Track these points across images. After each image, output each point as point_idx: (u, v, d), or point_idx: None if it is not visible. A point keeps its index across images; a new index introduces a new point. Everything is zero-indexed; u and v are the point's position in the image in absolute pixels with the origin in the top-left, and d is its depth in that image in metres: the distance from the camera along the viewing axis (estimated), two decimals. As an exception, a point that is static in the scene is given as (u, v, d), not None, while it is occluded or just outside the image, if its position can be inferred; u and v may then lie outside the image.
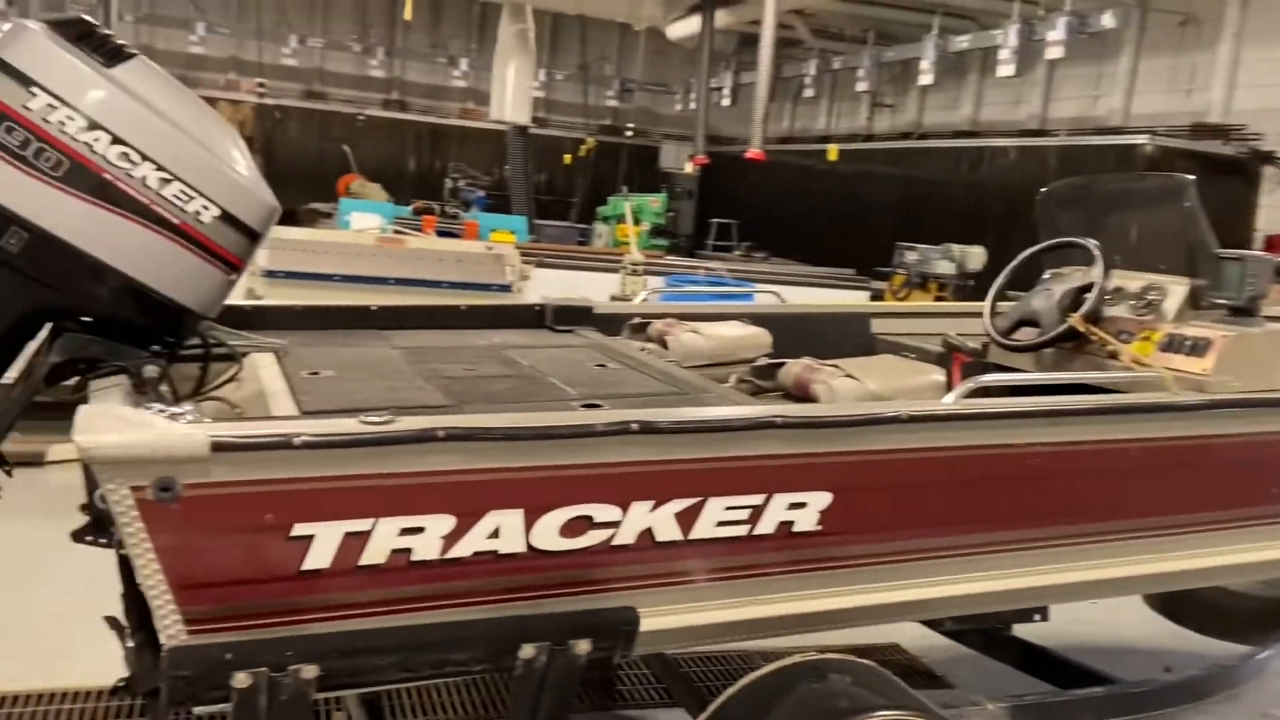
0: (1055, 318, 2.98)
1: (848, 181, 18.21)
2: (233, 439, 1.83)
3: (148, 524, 1.82)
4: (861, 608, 2.45)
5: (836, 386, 2.73)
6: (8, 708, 3.27)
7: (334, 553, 1.94)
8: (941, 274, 11.58)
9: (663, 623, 2.24)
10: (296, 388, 2.55)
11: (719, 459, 2.19)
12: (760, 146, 13.05)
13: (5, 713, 3.24)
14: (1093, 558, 2.65)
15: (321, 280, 6.17)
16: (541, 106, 21.50)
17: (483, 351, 3.15)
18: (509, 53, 15.25)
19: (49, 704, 3.30)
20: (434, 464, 1.98)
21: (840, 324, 3.91)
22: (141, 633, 2.09)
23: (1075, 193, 3.31)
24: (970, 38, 14.44)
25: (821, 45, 18.47)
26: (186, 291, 2.33)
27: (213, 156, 2.33)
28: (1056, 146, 13.67)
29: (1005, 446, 2.41)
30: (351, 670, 1.99)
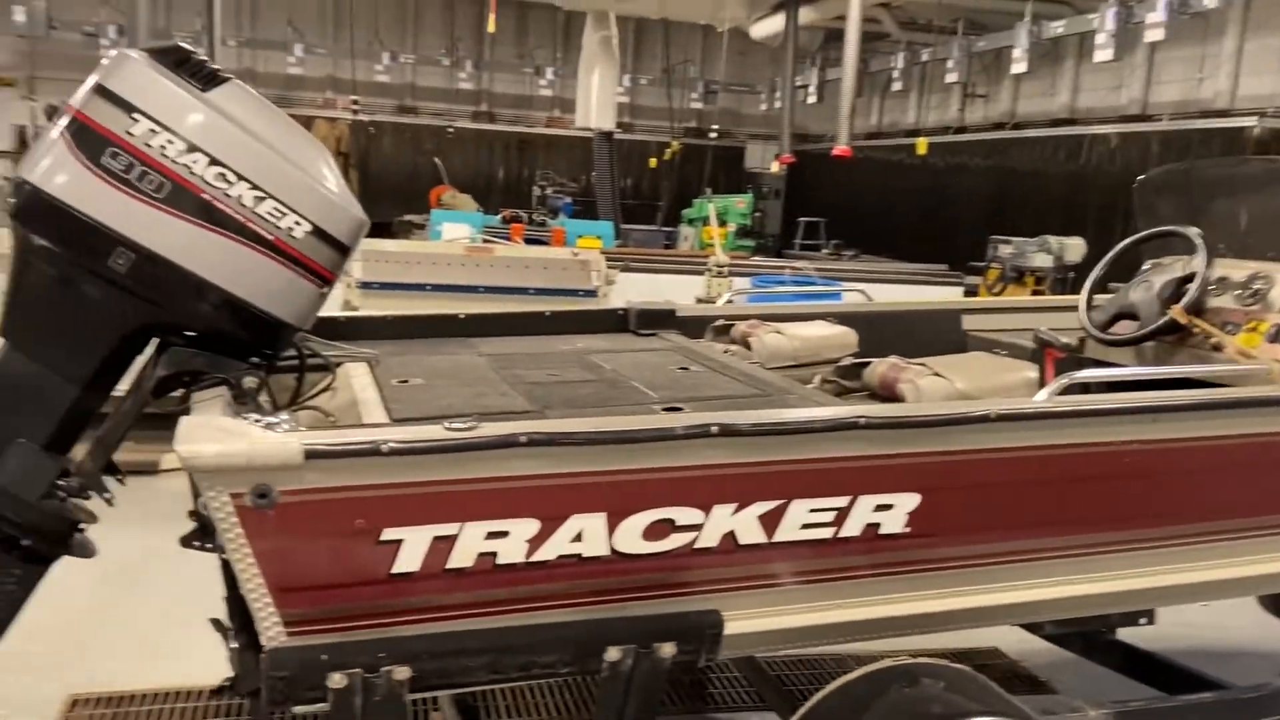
0: (1155, 310, 2.87)
1: (938, 175, 17.82)
2: (324, 446, 1.90)
3: (246, 529, 1.90)
4: (953, 611, 2.40)
5: (923, 386, 2.67)
6: (122, 706, 3.44)
7: (422, 556, 1.99)
8: (1038, 267, 11.21)
9: (748, 626, 2.24)
10: (387, 396, 2.62)
11: (801, 461, 2.17)
12: (847, 143, 12.86)
13: (119, 711, 3.41)
14: (1201, 558, 2.54)
15: (414, 290, 6.34)
16: (626, 112, 21.65)
17: (566, 357, 3.19)
18: (593, 60, 15.39)
19: (160, 703, 3.47)
20: (517, 469, 2.01)
21: (929, 321, 3.84)
22: (244, 634, 2.18)
23: (1175, 179, 3.17)
24: (1065, 23, 13.96)
25: (909, 38, 18.11)
26: (281, 305, 2.41)
27: (304, 174, 2.41)
28: (1159, 132, 13.13)
29: (1103, 445, 2.33)
30: (442, 671, 2.04)
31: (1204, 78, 13.97)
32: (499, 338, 3.49)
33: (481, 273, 6.56)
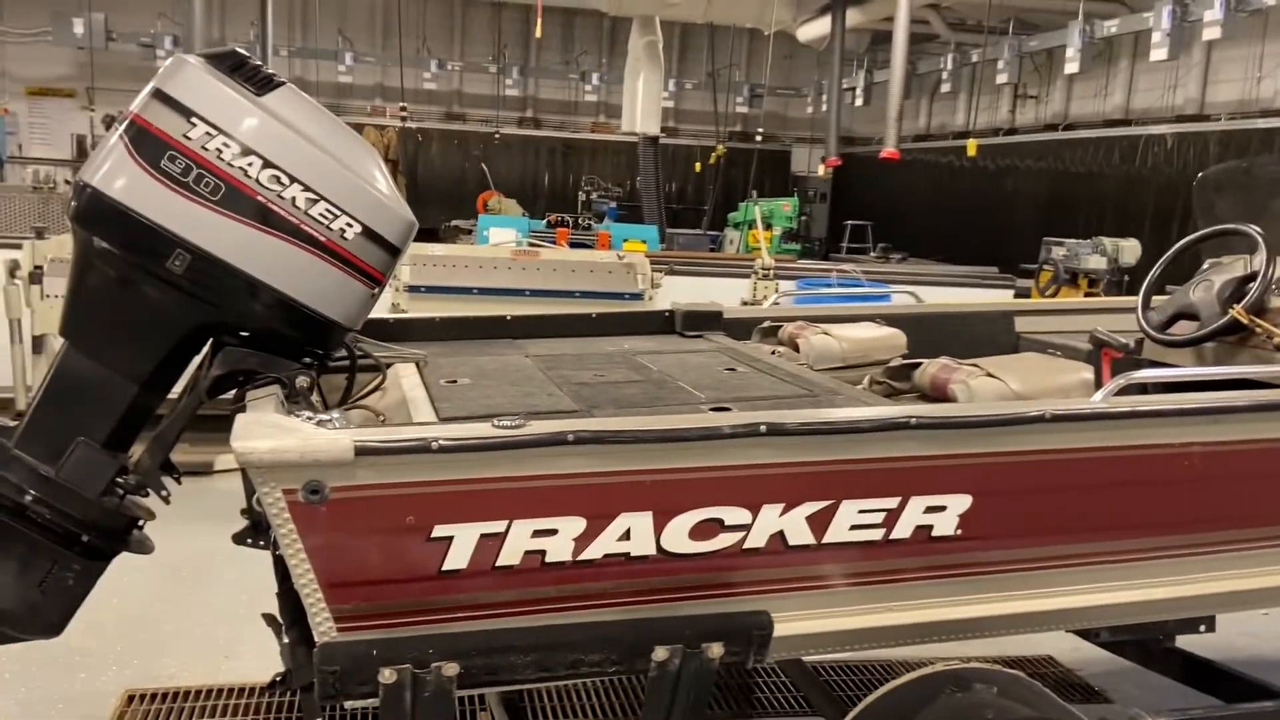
0: (1216, 310, 2.80)
1: (989, 177, 17.59)
2: (374, 444, 1.91)
3: (299, 525, 1.92)
4: (1005, 615, 2.36)
5: (975, 386, 2.63)
6: (177, 702, 3.51)
7: (471, 553, 2.00)
8: (1092, 269, 11.00)
9: (797, 628, 2.22)
10: (435, 395, 2.65)
11: (851, 461, 2.15)
12: (895, 145, 12.73)
13: (173, 706, 3.48)
14: (1263, 564, 2.48)
15: (461, 293, 6.40)
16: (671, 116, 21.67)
17: (613, 357, 3.20)
18: (639, 65, 15.42)
19: (213, 699, 3.53)
20: (564, 467, 2.02)
21: (981, 323, 3.78)
22: (295, 629, 2.21)
23: (1235, 177, 3.10)
24: (1119, 22, 13.71)
25: (958, 39, 17.91)
26: (333, 305, 2.44)
27: (355, 176, 2.44)
28: (1217, 132, 12.82)
29: (1162, 447, 2.28)
30: (490, 669, 2.04)
31: (1263, 76, 13.62)
32: (545, 339, 3.51)
33: (527, 276, 6.61)
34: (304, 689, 2.18)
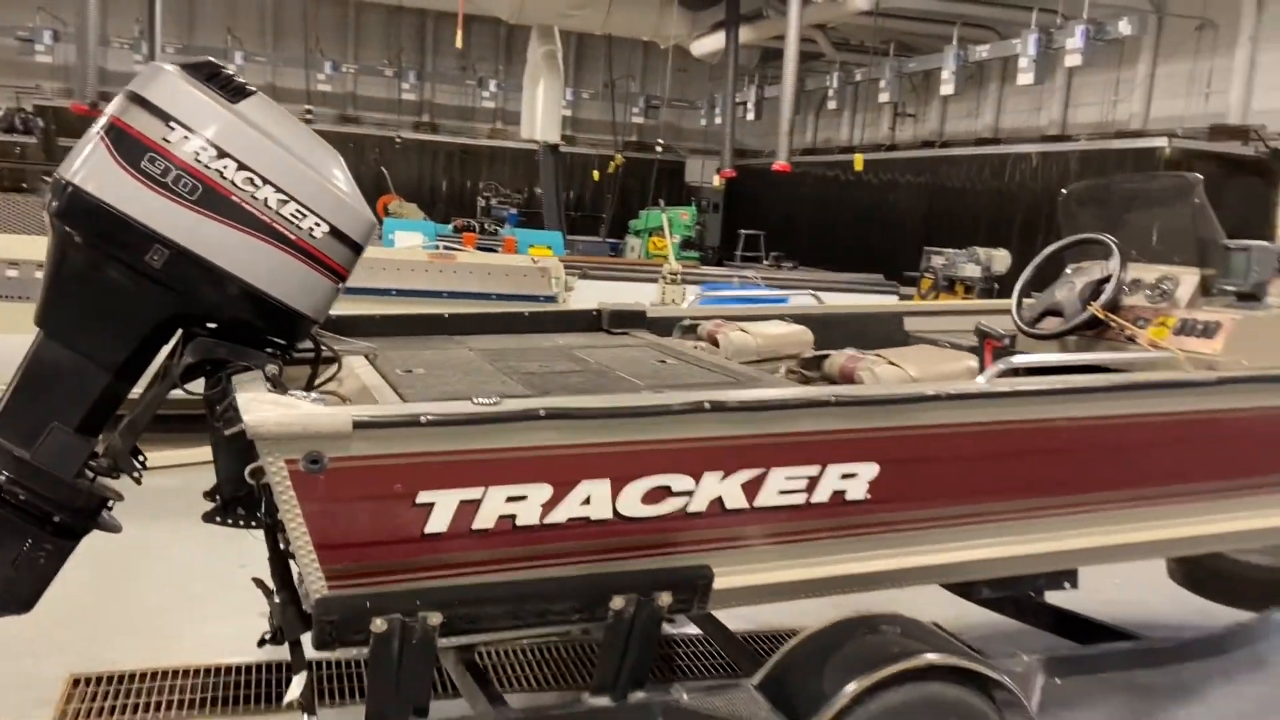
0: (1078, 307, 3.24)
1: (873, 190, 18.46)
2: (370, 418, 2.15)
3: (299, 492, 2.13)
4: (907, 569, 2.72)
5: (879, 372, 3.00)
6: (123, 684, 3.61)
7: (451, 517, 2.24)
8: (968, 277, 11.82)
9: (733, 581, 2.53)
10: (395, 383, 2.86)
11: (780, 434, 2.47)
12: (786, 159, 13.32)
13: (120, 688, 3.58)
14: (1116, 523, 2.91)
15: (378, 295, 6.53)
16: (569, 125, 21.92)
17: (551, 351, 3.45)
18: (538, 73, 15.65)
19: (159, 680, 3.64)
20: (534, 440, 2.28)
21: (876, 322, 4.19)
22: (285, 591, 2.41)
23: (1094, 193, 3.57)
24: (990, 47, 14.67)
25: (843, 58, 18.75)
26: (302, 299, 2.64)
27: (322, 178, 2.64)
28: (1077, 151, 13.88)
29: (1035, 421, 2.68)
30: (470, 618, 2.29)
31: (1119, 100, 14.81)
32: (482, 335, 3.73)
33: (444, 278, 6.78)
34: (293, 644, 2.39)
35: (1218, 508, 3.02)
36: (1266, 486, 3.04)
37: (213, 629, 3.99)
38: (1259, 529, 3.12)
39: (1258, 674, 4.35)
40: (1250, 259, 2.92)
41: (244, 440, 2.13)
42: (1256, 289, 2.94)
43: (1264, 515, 3.10)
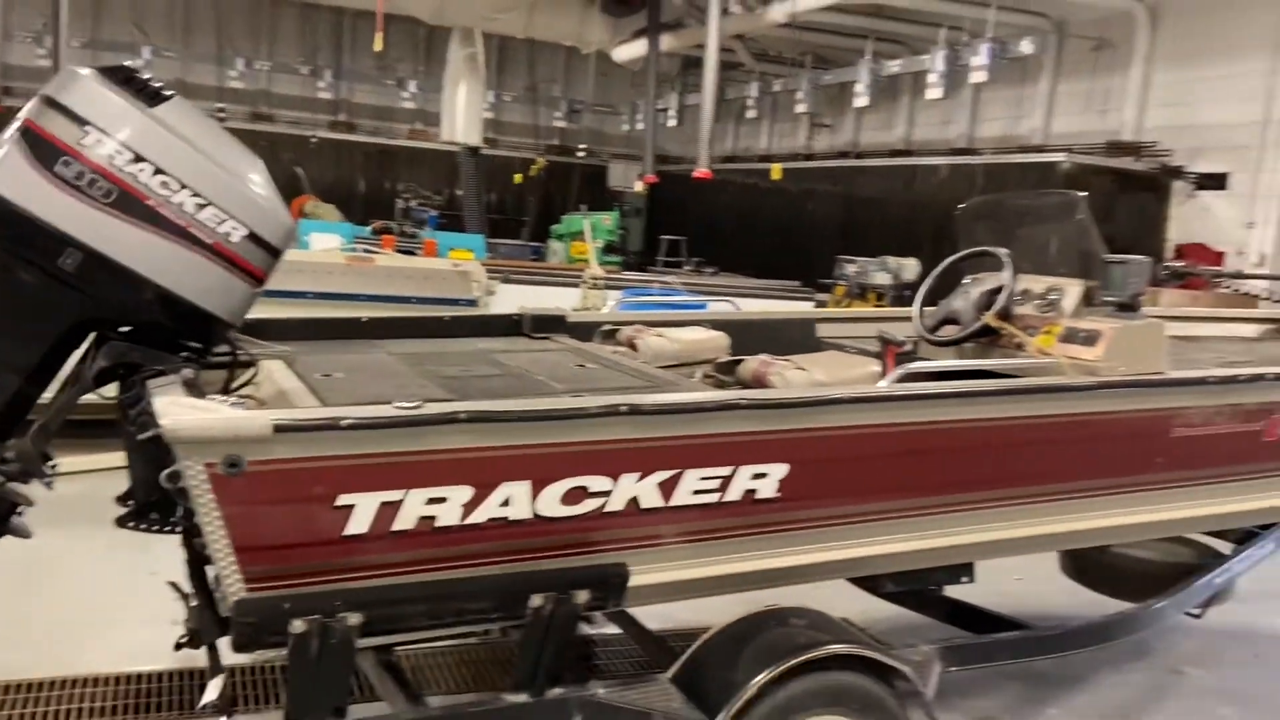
0: (973, 316, 3.43)
1: (791, 198, 18.82)
2: (292, 421, 2.18)
3: (217, 495, 2.15)
4: (815, 564, 2.85)
5: (789, 376, 3.14)
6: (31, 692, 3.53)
7: (371, 519, 2.29)
8: (879, 284, 12.19)
9: (649, 579, 2.62)
10: (314, 386, 2.88)
11: (694, 436, 2.57)
12: (707, 166, 13.54)
13: (26, 697, 3.50)
14: (1009, 519, 3.09)
15: (295, 297, 6.45)
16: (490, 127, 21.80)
17: (471, 355, 3.50)
18: (459, 75, 15.57)
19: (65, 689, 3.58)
20: (455, 442, 2.33)
21: (789, 328, 4.33)
22: (202, 595, 2.42)
23: (988, 208, 3.79)
24: (901, 62, 15.14)
25: (762, 68, 19.10)
26: (219, 303, 2.66)
27: (240, 183, 2.66)
28: (983, 164, 14.40)
29: (931, 423, 2.84)
30: (389, 618, 2.34)
31: (1022, 116, 15.42)
32: (400, 340, 3.76)
33: (362, 281, 6.75)
34: (210, 648, 2.40)
35: (1102, 504, 3.23)
36: (1144, 484, 3.26)
37: (125, 636, 3.93)
38: (1139, 523, 3.35)
39: (1141, 661, 4.63)
40: (1126, 272, 3.14)
41: (159, 444, 2.14)
42: (1133, 300, 3.16)
43: (1144, 511, 3.33)
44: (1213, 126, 12.63)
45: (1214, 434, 3.31)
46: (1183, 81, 13.02)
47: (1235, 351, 4.45)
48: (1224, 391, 3.25)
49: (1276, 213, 11.99)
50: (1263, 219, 12.12)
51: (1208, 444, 3.32)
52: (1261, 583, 5.57)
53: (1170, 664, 4.65)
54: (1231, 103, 12.35)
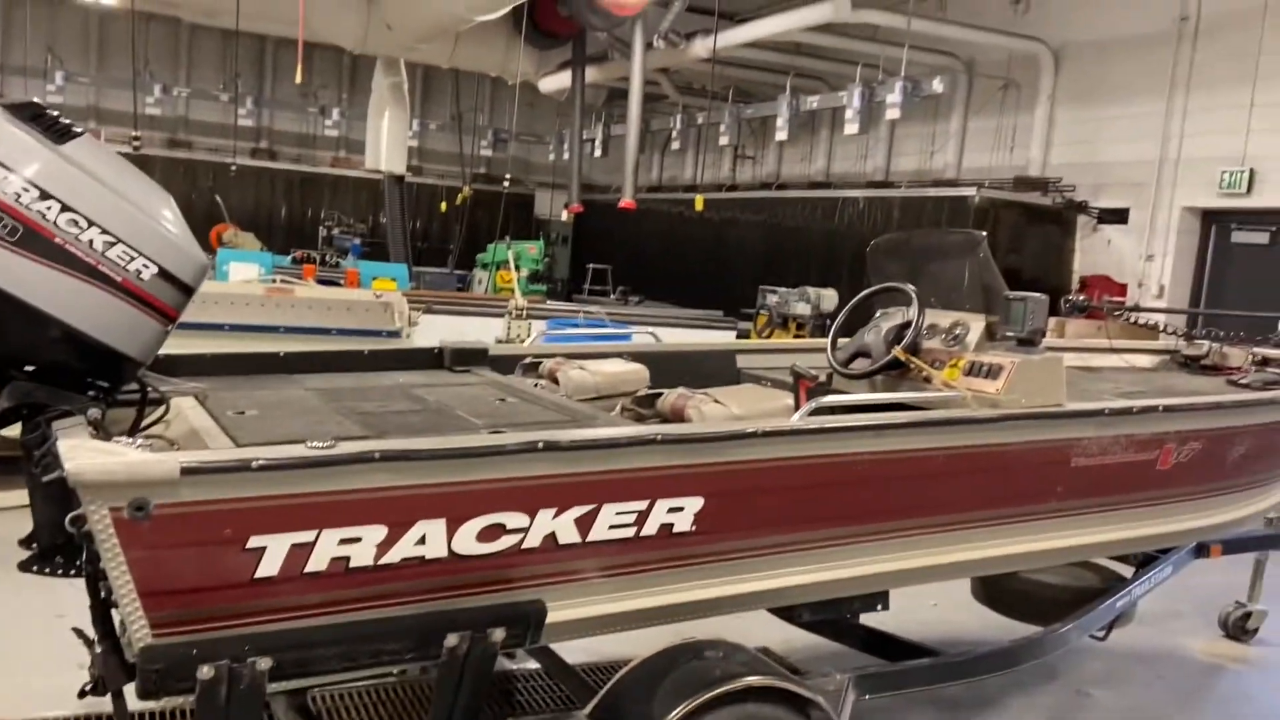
0: (883, 350, 3.54)
1: (715, 229, 19.10)
2: (200, 464, 2.15)
3: (122, 539, 2.11)
4: (732, 596, 2.89)
5: (706, 410, 3.19)
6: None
7: (283, 561, 2.26)
8: (799, 314, 12.43)
9: (567, 614, 2.63)
10: (226, 425, 2.84)
11: (611, 471, 2.60)
12: (632, 196, 13.67)
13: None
14: (920, 548, 3.18)
15: (211, 330, 6.32)
16: (415, 155, 21.70)
17: (390, 390, 3.48)
18: (383, 104, 15.49)
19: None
20: (369, 481, 2.32)
21: (710, 360, 4.40)
22: (107, 641, 2.35)
23: (897, 246, 3.92)
24: (819, 98, 15.52)
25: (686, 101, 19.39)
26: (128, 341, 2.61)
27: (151, 220, 2.63)
28: (899, 198, 14.84)
29: (841, 455, 2.91)
30: (300, 661, 2.31)
31: (935, 151, 15.94)
32: (319, 374, 3.72)
33: (282, 313, 6.63)
34: (115, 695, 2.33)
35: (1009, 531, 3.34)
36: (1047, 512, 3.39)
37: (28, 681, 3.78)
38: (1045, 550, 3.48)
39: (1049, 684, 4.78)
40: (1026, 309, 3.28)
41: (64, 487, 2.09)
42: (1032, 335, 3.30)
43: (1049, 537, 3.46)
44: (1112, 164, 13.24)
45: (1111, 463, 3.46)
46: (1084, 120, 13.62)
47: (1132, 382, 4.66)
48: (1119, 423, 3.40)
49: (1174, 246, 12.60)
50: (1161, 252, 12.72)
51: (1106, 473, 3.46)
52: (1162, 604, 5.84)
53: (1076, 685, 4.81)
54: (1129, 141, 12.96)
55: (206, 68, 21.52)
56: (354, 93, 22.17)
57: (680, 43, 14.31)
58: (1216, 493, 3.91)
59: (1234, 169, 11.72)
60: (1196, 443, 3.63)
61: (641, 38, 13.43)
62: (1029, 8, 14.34)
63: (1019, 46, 14.01)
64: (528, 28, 14.66)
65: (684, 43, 14.36)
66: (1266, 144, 11.43)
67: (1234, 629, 5.55)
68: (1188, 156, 12.32)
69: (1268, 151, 11.42)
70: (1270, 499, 4.35)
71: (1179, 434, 3.57)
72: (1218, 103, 11.94)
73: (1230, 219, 12.33)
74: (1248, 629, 5.53)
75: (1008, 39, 13.94)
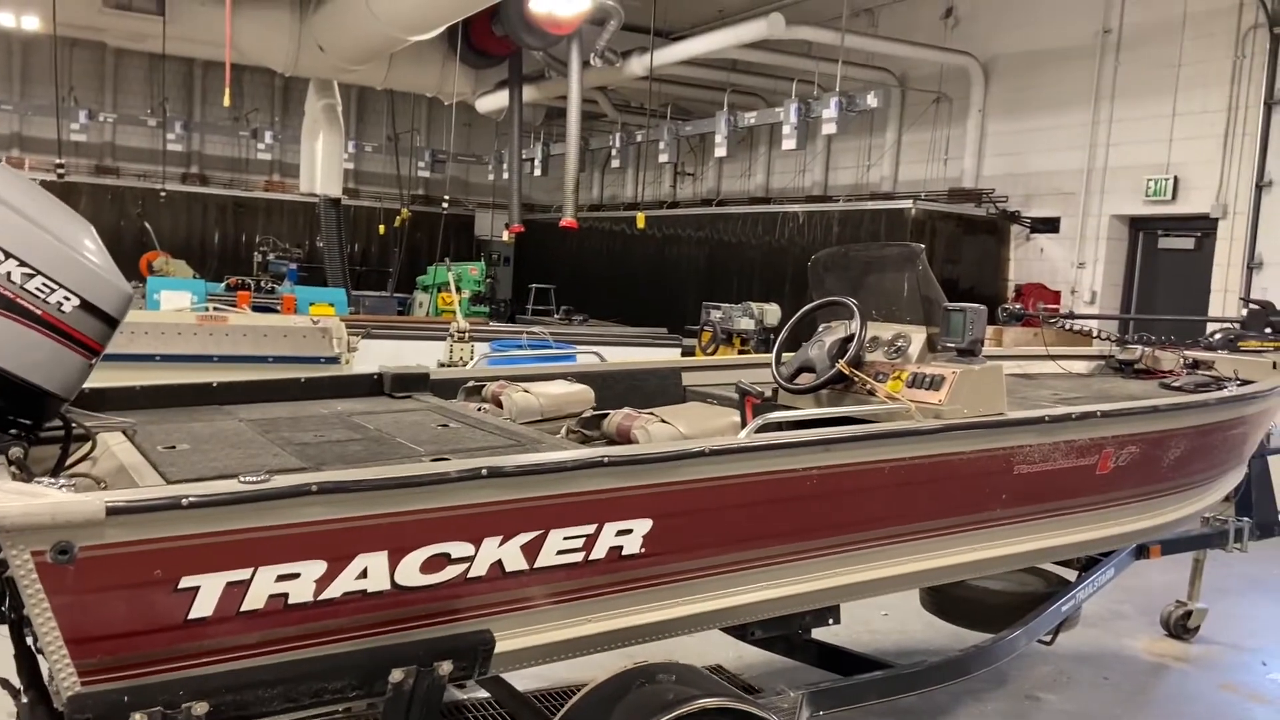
0: (826, 364, 3.55)
1: (657, 246, 19.18)
2: (126, 503, 2.05)
3: (45, 585, 2.01)
4: (683, 617, 2.85)
5: (652, 430, 3.16)
6: None
7: (217, 600, 2.17)
8: (743, 329, 12.50)
9: (515, 643, 2.57)
10: (157, 461, 2.74)
11: (556, 495, 2.55)
12: (573, 215, 13.66)
13: None
14: (868, 560, 3.18)
15: (142, 361, 6.14)
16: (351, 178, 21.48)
17: (328, 419, 3.39)
18: (317, 126, 15.31)
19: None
20: (307, 515, 2.25)
21: (655, 378, 4.38)
22: (34, 690, 2.24)
23: (837, 260, 3.94)
24: (756, 114, 15.69)
25: (624, 119, 19.47)
26: (50, 377, 2.52)
27: (71, 251, 2.54)
28: (838, 211, 15.04)
29: (789, 471, 2.90)
30: (239, 704, 2.21)
31: (871, 165, 16.21)
32: (255, 404, 3.62)
33: (215, 342, 6.47)
34: (41, 749, 2.22)
35: (955, 541, 3.36)
36: (992, 520, 3.41)
37: None
38: (991, 558, 3.50)
39: (999, 690, 4.83)
40: (966, 319, 3.31)
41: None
42: (972, 345, 3.33)
43: (994, 545, 3.48)
44: (1042, 173, 13.58)
45: (1053, 469, 3.50)
46: (1014, 132, 13.97)
47: (1069, 388, 4.75)
48: (1059, 429, 3.45)
49: (1104, 253, 12.94)
50: (1091, 259, 13.06)
51: (1048, 479, 3.51)
52: (1105, 606, 5.94)
53: (1026, 690, 4.87)
54: (1058, 151, 13.32)
55: (133, 92, 21.08)
56: (287, 115, 21.88)
57: (617, 61, 14.37)
58: (1155, 495, 3.99)
59: (1159, 177, 12.10)
60: (1134, 446, 3.69)
61: (578, 56, 13.46)
62: (958, 22, 14.69)
63: (949, 60, 14.34)
64: (463, 47, 14.62)
65: (621, 61, 14.43)
66: (1189, 152, 11.83)
67: (1176, 628, 5.66)
68: (1114, 165, 12.70)
69: (1191, 158, 11.81)
70: (1206, 499, 4.45)
71: (1117, 438, 3.64)
72: (1142, 113, 12.33)
73: (1157, 225, 12.72)
74: (1189, 627, 5.65)
75: (938, 53, 14.26)
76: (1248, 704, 4.91)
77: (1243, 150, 11.31)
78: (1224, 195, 11.48)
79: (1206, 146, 11.61)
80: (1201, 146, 11.66)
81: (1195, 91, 11.75)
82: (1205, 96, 11.65)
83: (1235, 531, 5.14)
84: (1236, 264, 11.33)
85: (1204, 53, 11.67)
